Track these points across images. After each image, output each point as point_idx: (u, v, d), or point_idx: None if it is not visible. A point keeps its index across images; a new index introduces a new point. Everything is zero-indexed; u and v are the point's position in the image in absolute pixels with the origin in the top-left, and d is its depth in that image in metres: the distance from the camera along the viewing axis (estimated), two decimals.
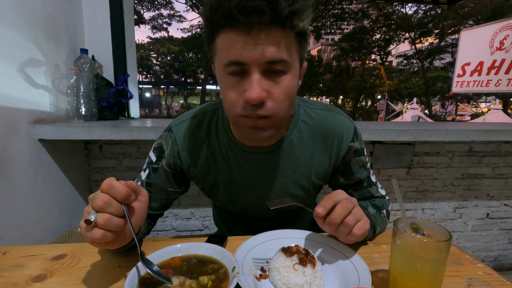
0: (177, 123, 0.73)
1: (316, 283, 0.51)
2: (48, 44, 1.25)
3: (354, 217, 0.54)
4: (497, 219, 1.98)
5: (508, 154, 1.88)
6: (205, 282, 0.47)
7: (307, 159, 0.72)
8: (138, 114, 1.93)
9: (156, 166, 0.72)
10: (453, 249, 0.68)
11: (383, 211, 0.73)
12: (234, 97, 0.55)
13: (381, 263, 0.62)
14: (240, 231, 0.88)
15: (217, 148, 0.71)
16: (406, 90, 22.96)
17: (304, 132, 0.70)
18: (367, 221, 0.57)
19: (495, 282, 0.56)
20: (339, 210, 0.52)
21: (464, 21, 16.57)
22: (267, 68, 0.52)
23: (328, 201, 0.54)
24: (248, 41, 0.49)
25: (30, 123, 1.15)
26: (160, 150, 0.73)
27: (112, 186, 0.46)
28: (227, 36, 0.50)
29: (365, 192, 0.77)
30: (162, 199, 0.75)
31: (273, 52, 0.50)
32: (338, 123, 0.72)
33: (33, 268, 0.58)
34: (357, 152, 0.74)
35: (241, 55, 0.50)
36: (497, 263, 2.06)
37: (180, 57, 22.26)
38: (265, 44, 0.49)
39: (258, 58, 0.50)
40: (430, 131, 1.44)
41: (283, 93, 0.54)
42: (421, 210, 1.92)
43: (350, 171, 0.74)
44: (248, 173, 0.72)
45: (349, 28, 21.88)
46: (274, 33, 0.49)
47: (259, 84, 0.51)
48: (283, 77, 0.54)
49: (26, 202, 1.12)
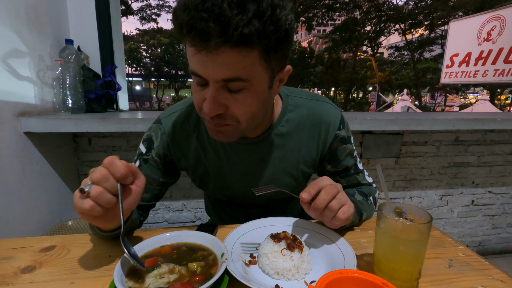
0: (166, 115, 0.74)
1: (304, 267, 0.52)
2: (31, 34, 1.21)
3: (338, 201, 0.55)
4: (481, 205, 2.05)
5: (492, 143, 1.93)
6: (194, 268, 0.48)
7: (295, 148, 0.73)
8: (127, 106, 1.90)
9: (146, 157, 0.73)
10: (436, 233, 0.70)
11: (370, 198, 0.75)
12: (198, 101, 0.56)
13: (367, 247, 0.64)
14: (231, 218, 0.89)
15: (207, 139, 0.72)
16: (397, 81, 23.21)
17: (291, 122, 0.72)
18: (352, 205, 0.59)
19: (475, 262, 0.58)
20: (323, 195, 0.54)
21: (454, 12, 16.70)
22: (224, 84, 0.51)
23: (313, 187, 0.55)
24: (204, 58, 0.48)
25: (14, 116, 1.13)
26: (150, 141, 0.73)
27: (113, 163, 0.48)
28: (189, 47, 0.49)
29: (352, 179, 0.78)
30: (153, 189, 0.75)
31: (226, 72, 0.49)
32: (325, 112, 0.73)
33: (22, 260, 0.57)
34: (344, 140, 0.75)
35: (197, 69, 0.50)
36: (481, 248, 2.14)
37: (171, 49, 21.89)
38: (219, 64, 0.48)
39: (212, 76, 0.50)
40: (417, 121, 1.47)
41: (242, 108, 0.54)
42: (409, 199, 1.97)
43: (337, 159, 0.76)
44: (237, 163, 0.73)
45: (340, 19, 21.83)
46: (227, 54, 0.46)
47: (214, 99, 0.52)
48: (242, 92, 0.52)
49: (13, 196, 1.10)
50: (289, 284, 0.51)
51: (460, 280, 0.53)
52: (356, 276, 0.42)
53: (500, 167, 1.99)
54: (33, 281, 0.51)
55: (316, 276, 0.52)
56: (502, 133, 1.93)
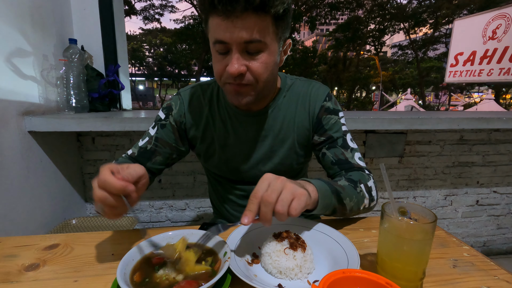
0: (184, 89, 0.86)
1: (307, 266, 0.52)
2: (35, 34, 1.22)
3: (282, 203, 0.49)
4: (486, 205, 2.03)
5: (497, 142, 1.91)
6: (196, 266, 0.48)
7: (290, 119, 0.82)
8: (131, 105, 1.91)
9: (164, 122, 0.83)
10: (441, 233, 0.70)
11: (360, 185, 0.71)
12: (220, 69, 0.66)
13: (371, 247, 0.63)
14: (235, 197, 0.91)
15: (217, 112, 0.83)
16: (401, 80, 23.04)
17: (288, 97, 0.83)
18: (303, 194, 0.52)
19: (480, 262, 0.58)
20: (263, 209, 0.50)
21: (458, 11, 16.55)
22: (245, 47, 0.62)
23: (252, 202, 0.50)
24: (228, 24, 0.59)
25: (19, 115, 1.13)
26: (169, 109, 0.84)
27: (106, 183, 0.50)
28: (213, 19, 0.61)
29: (339, 152, 0.78)
30: (166, 153, 0.84)
31: (248, 34, 0.60)
32: (314, 87, 0.84)
33: (26, 258, 0.58)
34: (329, 111, 0.81)
35: (223, 36, 0.61)
36: (485, 248, 2.12)
37: (173, 48, 21.91)
38: (241, 28, 0.59)
39: (236, 39, 0.60)
40: (421, 120, 1.46)
41: (260, 67, 0.65)
42: (413, 198, 1.95)
43: (321, 127, 0.81)
44: (242, 135, 0.82)
45: (343, 18, 21.72)
46: (249, 19, 0.59)
47: (237, 61, 0.63)
48: (260, 54, 0.64)
49: (17, 194, 1.11)
50: (292, 283, 0.50)
51: (465, 280, 0.52)
52: (359, 275, 0.42)
53: (505, 166, 1.97)
54: (37, 279, 0.51)
55: (319, 275, 0.52)
56: (508, 133, 1.90)
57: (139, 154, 0.83)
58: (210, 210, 1.77)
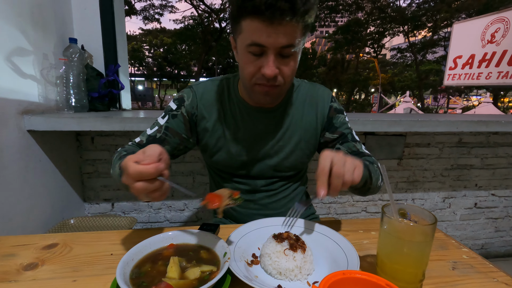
0: (197, 83, 0.88)
1: (306, 267, 0.52)
2: (36, 33, 1.22)
3: (349, 173, 0.57)
4: (484, 208, 2.04)
5: (496, 145, 1.92)
6: (196, 267, 0.48)
7: (298, 117, 0.87)
8: (130, 105, 1.91)
9: (176, 113, 0.85)
10: (440, 235, 0.70)
11: (375, 165, 0.80)
12: (252, 70, 0.69)
13: (370, 248, 0.63)
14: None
15: (228, 107, 0.86)
16: (400, 83, 23.09)
17: (296, 96, 0.88)
18: (360, 163, 0.60)
19: (479, 265, 0.58)
20: (335, 181, 0.56)
21: (457, 14, 16.62)
22: (280, 51, 0.66)
23: (323, 176, 0.56)
24: (269, 29, 0.62)
25: (18, 114, 1.13)
26: (181, 100, 0.86)
27: (141, 173, 0.50)
28: (253, 22, 0.63)
29: (351, 146, 0.86)
30: (174, 143, 0.85)
31: (286, 40, 0.64)
32: (320, 89, 0.91)
33: (24, 257, 0.57)
34: (337, 110, 0.89)
35: (264, 40, 0.64)
36: (484, 251, 2.12)
37: (173, 49, 21.90)
38: (282, 34, 0.63)
39: (275, 43, 0.64)
40: (421, 122, 1.46)
41: (289, 71, 0.70)
42: (412, 201, 1.95)
43: (333, 126, 0.88)
44: (252, 129, 0.85)
45: (343, 21, 21.78)
46: (289, 26, 0.62)
47: (273, 63, 0.66)
48: (291, 58, 0.68)
49: (16, 194, 1.10)
50: (291, 284, 0.50)
51: (464, 282, 0.52)
52: (359, 277, 0.42)
53: (504, 169, 1.97)
54: (35, 278, 0.51)
55: (319, 276, 0.52)
56: (506, 136, 1.91)
57: (147, 142, 0.83)
58: (209, 211, 1.77)
